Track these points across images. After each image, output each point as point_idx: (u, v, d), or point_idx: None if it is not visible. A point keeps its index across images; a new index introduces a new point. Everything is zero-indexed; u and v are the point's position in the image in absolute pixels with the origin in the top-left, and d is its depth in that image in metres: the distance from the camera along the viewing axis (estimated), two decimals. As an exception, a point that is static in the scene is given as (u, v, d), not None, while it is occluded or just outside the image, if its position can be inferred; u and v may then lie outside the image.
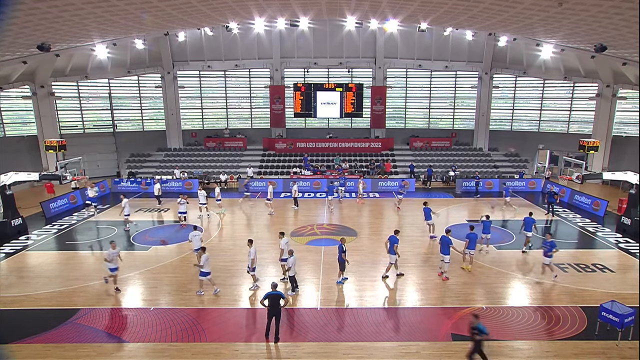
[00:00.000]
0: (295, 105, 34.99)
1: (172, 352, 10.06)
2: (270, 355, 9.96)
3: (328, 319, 11.54)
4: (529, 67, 32.88)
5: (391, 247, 13.76)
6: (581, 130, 32.04)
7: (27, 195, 25.99)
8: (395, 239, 13.80)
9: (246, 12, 22.69)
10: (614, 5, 13.80)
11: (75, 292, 13.16)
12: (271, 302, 10.29)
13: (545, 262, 13.67)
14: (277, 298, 10.31)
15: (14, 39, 18.56)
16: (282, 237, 13.84)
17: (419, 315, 11.74)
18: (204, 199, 21.40)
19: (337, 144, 34.70)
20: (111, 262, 12.95)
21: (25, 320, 11.51)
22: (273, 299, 10.30)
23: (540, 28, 19.91)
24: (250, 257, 12.84)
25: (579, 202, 24.12)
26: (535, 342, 10.37)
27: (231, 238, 18.74)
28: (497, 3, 16.18)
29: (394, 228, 19.69)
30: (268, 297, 10.34)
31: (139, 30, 23.54)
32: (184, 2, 17.39)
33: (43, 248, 17.45)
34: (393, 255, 13.76)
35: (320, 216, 22.22)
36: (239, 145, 35.34)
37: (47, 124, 30.00)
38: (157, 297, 12.91)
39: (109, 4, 15.36)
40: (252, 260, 12.87)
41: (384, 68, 35.06)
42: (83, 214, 22.57)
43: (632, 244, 17.58)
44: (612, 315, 10.25)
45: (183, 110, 36.20)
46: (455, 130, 36.78)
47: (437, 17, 21.40)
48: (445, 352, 9.98)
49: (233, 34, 31.74)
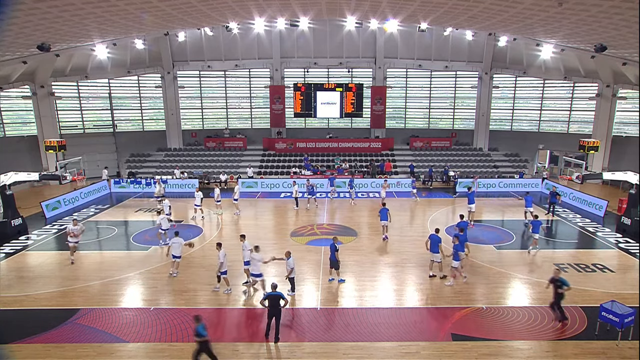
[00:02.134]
0: (295, 105, 34.99)
1: (172, 352, 10.06)
2: (270, 355, 9.96)
3: (328, 319, 11.54)
4: (529, 67, 32.89)
5: (434, 245, 13.76)
6: (581, 130, 32.04)
7: (27, 195, 25.99)
8: (438, 238, 13.80)
9: (246, 12, 22.69)
10: (614, 5, 13.80)
11: (75, 292, 13.16)
12: (271, 302, 10.29)
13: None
14: (277, 299, 10.31)
15: (14, 39, 18.56)
16: (243, 240, 13.47)
17: (419, 315, 11.74)
18: (199, 201, 21.23)
19: (337, 144, 34.71)
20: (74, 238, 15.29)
21: (25, 320, 11.51)
22: (273, 299, 10.30)
23: (540, 28, 19.91)
24: (220, 261, 12.70)
25: (574, 202, 24.11)
26: (535, 342, 10.37)
27: (231, 238, 18.71)
28: (497, 3, 16.18)
29: (394, 228, 19.80)
30: (268, 298, 10.35)
31: (139, 30, 23.54)
32: (184, 2, 17.39)
33: (43, 248, 17.45)
34: (437, 254, 13.77)
35: (320, 216, 22.23)
36: (239, 145, 35.34)
37: (47, 124, 29.99)
38: (157, 297, 12.91)
39: (109, 4, 15.36)
40: (221, 264, 12.73)
41: (384, 68, 35.06)
42: (83, 214, 22.57)
43: (632, 244, 17.58)
44: (612, 315, 10.24)
45: (183, 110, 36.21)
46: (455, 130, 36.78)
47: (437, 17, 21.40)
48: (445, 352, 9.98)
49: (233, 34, 31.74)
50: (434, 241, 13.89)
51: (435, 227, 15.19)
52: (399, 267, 15.06)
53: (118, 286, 13.61)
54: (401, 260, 15.69)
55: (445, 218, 21.61)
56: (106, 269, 15.01)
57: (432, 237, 14.02)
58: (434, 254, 13.93)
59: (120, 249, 17.33)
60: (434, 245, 13.89)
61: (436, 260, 13.96)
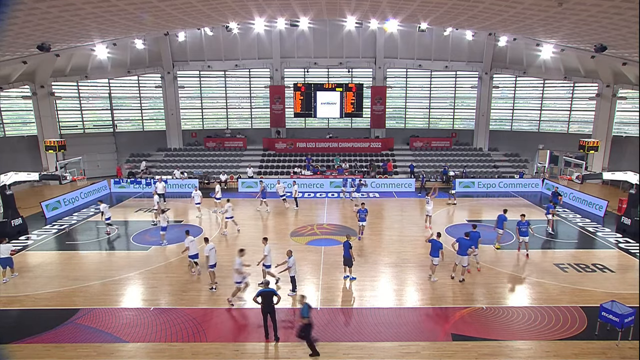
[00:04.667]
0: (295, 105, 34.98)
1: (172, 352, 10.06)
2: (270, 355, 9.96)
3: (328, 319, 11.54)
4: (529, 67, 32.88)
5: (434, 250, 13.63)
6: (581, 130, 32.03)
7: (27, 195, 26.00)
8: (439, 244, 13.63)
9: (246, 12, 22.69)
10: (614, 5, 13.79)
11: (75, 292, 13.16)
12: (264, 299, 10.29)
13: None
14: (270, 295, 10.31)
15: (14, 39, 18.56)
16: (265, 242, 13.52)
17: (419, 315, 11.74)
18: (198, 199, 21.46)
19: (337, 144, 34.69)
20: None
21: (25, 320, 11.52)
22: (266, 296, 10.30)
23: (540, 28, 19.90)
24: (205, 254, 13.07)
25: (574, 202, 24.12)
26: (535, 342, 10.37)
27: (231, 238, 18.73)
28: (497, 3, 16.18)
29: (394, 228, 19.82)
30: (261, 295, 10.34)
31: (139, 30, 23.54)
32: (184, 2, 17.39)
33: (43, 248, 17.46)
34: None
35: (320, 216, 22.22)
36: (239, 145, 35.33)
37: (47, 124, 29.99)
38: (157, 297, 12.91)
39: (109, 4, 15.35)
40: (208, 258, 13.05)
41: (384, 68, 35.06)
42: (83, 214, 22.58)
43: (632, 244, 17.58)
44: (612, 315, 10.24)
45: (183, 110, 36.20)
46: (455, 130, 36.76)
47: (437, 17, 21.40)
48: (445, 352, 9.98)
49: (233, 34, 31.72)
50: (435, 247, 13.65)
51: (437, 232, 15.10)
52: (399, 267, 15.06)
53: (118, 286, 13.61)
54: (401, 260, 15.69)
55: (444, 218, 21.61)
56: (106, 269, 15.02)
57: (433, 242, 13.74)
58: (433, 257, 13.76)
59: (120, 249, 17.35)
60: (434, 250, 13.69)
61: (434, 263, 13.82)
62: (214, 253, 13.22)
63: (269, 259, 13.33)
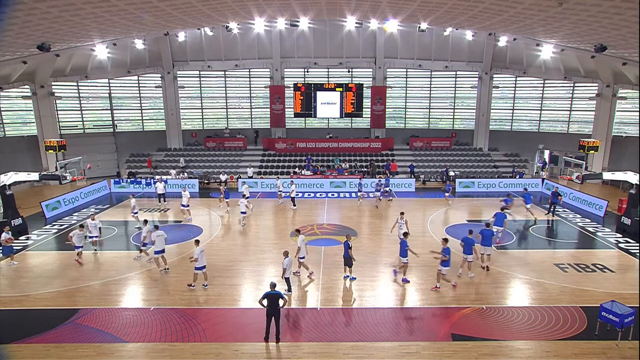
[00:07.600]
0: (295, 105, 34.98)
1: (172, 352, 10.06)
2: (270, 355, 9.96)
3: (328, 319, 11.54)
4: (529, 67, 32.88)
5: (467, 247, 13.81)
6: (581, 130, 32.02)
7: (27, 195, 25.99)
8: (471, 241, 13.81)
9: (246, 12, 22.69)
10: (614, 5, 13.80)
11: (75, 292, 13.16)
12: (270, 302, 10.27)
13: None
14: (276, 298, 10.29)
15: (14, 39, 18.56)
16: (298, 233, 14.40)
17: (419, 315, 11.74)
18: (185, 201, 21.16)
19: (337, 144, 34.69)
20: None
21: (25, 320, 11.51)
22: (272, 298, 10.28)
23: (540, 28, 19.91)
24: (195, 257, 13.18)
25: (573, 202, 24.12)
26: (535, 342, 10.37)
27: (232, 238, 18.73)
28: (497, 3, 16.18)
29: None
30: (267, 297, 10.32)
31: (139, 30, 23.55)
32: (184, 2, 17.39)
33: (43, 248, 17.46)
34: (470, 255, 13.86)
35: (320, 216, 22.22)
36: (239, 145, 35.34)
37: (47, 124, 30.00)
38: (157, 297, 12.91)
39: (109, 4, 15.35)
40: (196, 260, 13.17)
41: (384, 68, 35.06)
42: (83, 214, 22.57)
43: (632, 244, 17.58)
44: (612, 315, 10.24)
45: (183, 110, 36.20)
46: (455, 130, 36.76)
47: (437, 17, 21.40)
48: (445, 352, 9.98)
49: (233, 34, 31.72)
50: (467, 244, 13.89)
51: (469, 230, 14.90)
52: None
53: (118, 286, 13.61)
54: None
55: (444, 218, 21.60)
56: (106, 269, 15.02)
57: (465, 239, 13.99)
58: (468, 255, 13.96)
59: (120, 249, 17.35)
60: (467, 247, 13.88)
61: (468, 260, 14.01)
62: (203, 255, 13.36)
63: (303, 250, 13.86)
